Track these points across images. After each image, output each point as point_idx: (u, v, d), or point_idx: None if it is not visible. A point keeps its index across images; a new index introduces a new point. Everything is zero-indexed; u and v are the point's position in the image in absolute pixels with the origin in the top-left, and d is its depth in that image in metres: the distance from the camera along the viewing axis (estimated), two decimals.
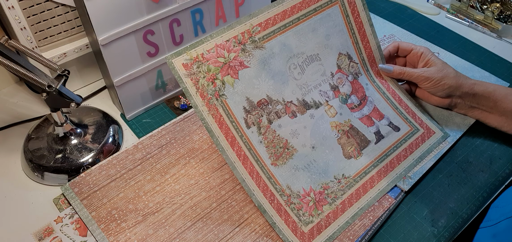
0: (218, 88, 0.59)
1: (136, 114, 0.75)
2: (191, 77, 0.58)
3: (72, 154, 0.66)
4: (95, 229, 0.57)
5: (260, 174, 0.59)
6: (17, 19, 0.66)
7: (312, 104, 0.65)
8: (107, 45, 0.65)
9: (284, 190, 0.59)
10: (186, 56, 0.59)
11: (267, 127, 0.61)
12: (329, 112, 0.66)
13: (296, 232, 0.56)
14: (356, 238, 0.57)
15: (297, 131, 0.63)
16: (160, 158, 0.66)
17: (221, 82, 0.60)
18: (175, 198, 0.61)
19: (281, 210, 0.57)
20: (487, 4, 0.97)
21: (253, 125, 0.60)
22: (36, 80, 0.58)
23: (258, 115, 0.61)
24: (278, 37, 0.65)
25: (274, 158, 0.60)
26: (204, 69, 0.59)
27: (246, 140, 0.59)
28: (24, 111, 0.77)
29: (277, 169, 0.60)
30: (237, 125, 0.59)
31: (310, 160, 0.62)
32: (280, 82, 0.64)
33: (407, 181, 0.63)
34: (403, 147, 0.66)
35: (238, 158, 0.58)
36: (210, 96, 0.59)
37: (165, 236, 0.57)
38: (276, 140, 0.61)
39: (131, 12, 0.65)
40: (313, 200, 0.59)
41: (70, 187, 0.62)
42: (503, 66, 0.83)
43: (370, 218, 0.59)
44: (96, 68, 0.79)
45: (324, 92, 0.67)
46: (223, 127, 0.58)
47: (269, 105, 0.62)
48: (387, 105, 0.71)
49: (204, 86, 0.59)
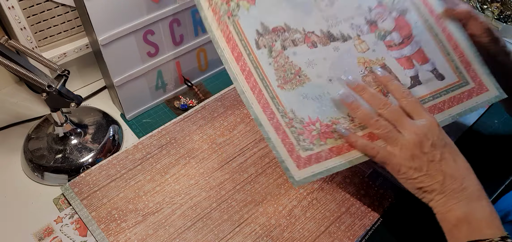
0: (231, 9, 0.56)
1: (136, 114, 0.75)
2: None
3: (72, 154, 0.66)
4: (95, 229, 0.57)
5: (263, 92, 0.53)
6: (17, 19, 0.66)
7: (339, 37, 0.57)
8: (107, 45, 0.65)
9: (287, 112, 0.53)
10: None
11: (280, 52, 0.55)
12: (359, 47, 0.57)
13: (291, 154, 0.51)
14: (356, 238, 0.57)
15: (315, 61, 0.55)
16: (160, 158, 0.66)
17: (235, 4, 0.56)
18: (175, 198, 0.61)
19: (279, 129, 0.52)
20: (487, 4, 0.97)
21: (264, 47, 0.55)
22: (36, 80, 0.58)
23: (271, 40, 0.55)
24: None
25: (282, 81, 0.54)
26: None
27: (253, 58, 0.54)
28: (24, 111, 0.77)
29: (283, 92, 0.53)
30: (246, 43, 0.55)
31: (323, 92, 0.54)
32: (303, 12, 0.57)
33: None
34: (442, 99, 0.56)
35: (241, 72, 0.54)
36: (221, 14, 0.55)
37: (165, 236, 0.57)
38: (287, 65, 0.55)
39: (131, 12, 0.65)
40: (317, 130, 0.52)
41: (70, 187, 0.62)
42: None
43: (370, 218, 0.59)
44: (96, 68, 0.79)
45: (356, 26, 0.57)
46: (231, 43, 0.55)
47: (285, 32, 0.56)
48: (436, 49, 0.58)
49: (218, 4, 0.55)
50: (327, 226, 0.58)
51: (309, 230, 0.58)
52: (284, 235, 0.57)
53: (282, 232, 0.57)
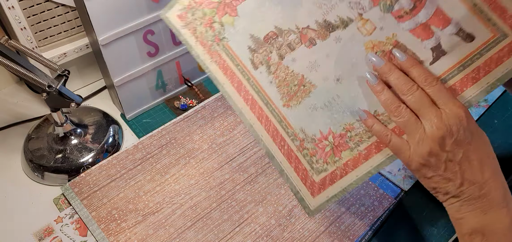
0: (217, 32, 0.54)
1: (136, 114, 0.75)
2: (188, 28, 0.54)
3: (72, 154, 0.66)
4: (95, 229, 0.57)
5: (270, 118, 0.52)
6: (17, 19, 0.66)
7: (338, 24, 0.49)
8: (107, 45, 0.65)
9: (297, 134, 0.51)
10: (178, 6, 0.55)
11: (278, 64, 0.51)
12: (364, 30, 0.48)
13: (305, 181, 0.50)
14: (356, 238, 0.57)
15: (317, 61, 0.50)
16: (160, 158, 0.66)
17: (219, 25, 0.54)
18: (175, 198, 0.61)
19: (291, 157, 0.50)
20: None
21: (261, 64, 0.52)
22: (36, 80, 0.58)
23: (266, 53, 0.52)
24: None
25: (286, 98, 0.51)
26: (200, 14, 0.54)
27: (254, 82, 0.52)
28: (24, 111, 0.77)
29: (290, 111, 0.51)
30: (243, 67, 0.53)
31: (332, 96, 0.49)
32: (291, 6, 0.51)
33: (407, 180, 0.63)
34: (474, 66, 0.44)
35: (245, 103, 0.52)
36: (210, 43, 0.54)
37: (165, 236, 0.57)
38: (289, 77, 0.51)
39: (131, 12, 0.65)
40: (330, 144, 0.49)
41: (70, 187, 0.62)
42: None
43: (370, 218, 0.59)
44: (96, 68, 0.79)
45: (355, 3, 0.48)
46: (228, 73, 0.53)
47: (278, 38, 0.52)
48: (458, 3, 0.44)
49: (203, 33, 0.54)
50: (327, 226, 0.58)
51: (309, 230, 0.58)
52: (284, 235, 0.57)
53: (282, 232, 0.57)
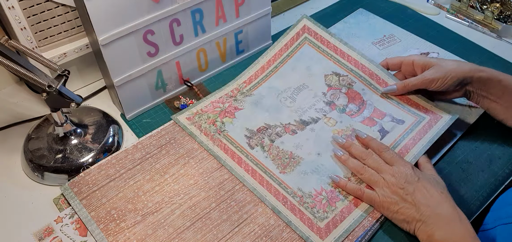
0: (219, 127, 0.70)
1: (136, 114, 0.75)
2: (194, 124, 0.70)
3: (72, 154, 0.66)
4: (95, 229, 0.57)
5: (270, 182, 0.62)
6: (17, 19, 0.66)
7: (310, 121, 0.70)
8: (107, 45, 0.65)
9: (296, 192, 0.61)
10: (187, 113, 0.72)
11: (270, 145, 0.67)
12: (329, 123, 0.70)
13: (312, 228, 0.57)
14: (355, 238, 0.56)
15: (300, 143, 0.67)
16: (160, 157, 0.66)
17: (221, 123, 0.70)
18: (174, 198, 0.61)
19: (295, 210, 0.59)
20: (487, 4, 0.96)
21: (256, 145, 0.67)
22: (36, 80, 0.58)
23: (259, 139, 0.68)
24: (263, 84, 0.76)
25: (281, 167, 0.64)
26: (205, 117, 0.71)
27: (252, 158, 0.65)
28: (24, 111, 0.77)
29: (286, 176, 0.63)
30: (241, 148, 0.67)
31: (318, 165, 0.64)
32: (275, 112, 0.72)
33: None
34: (410, 136, 0.66)
35: (246, 172, 0.63)
36: (213, 134, 0.69)
37: (164, 236, 0.57)
38: (281, 153, 0.66)
39: (131, 12, 0.65)
40: (325, 198, 0.60)
41: (69, 187, 0.62)
42: (503, 66, 0.83)
43: (369, 218, 0.58)
44: (96, 68, 0.79)
45: (320, 109, 0.72)
46: (229, 152, 0.66)
47: (268, 129, 0.69)
48: (387, 104, 0.71)
49: (207, 128, 0.70)
50: None
51: None
52: (283, 235, 0.57)
53: (281, 232, 0.57)
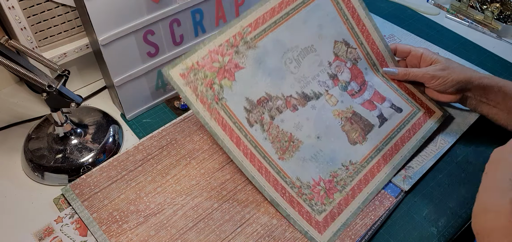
0: (216, 93, 0.61)
1: (136, 114, 0.75)
2: (189, 86, 0.60)
3: (72, 154, 0.66)
4: (97, 231, 0.57)
5: (269, 170, 0.60)
6: (17, 19, 0.66)
7: (312, 96, 0.66)
8: (107, 45, 0.65)
9: (294, 182, 0.60)
10: (181, 66, 0.60)
11: (270, 123, 0.62)
12: (330, 102, 0.67)
13: (310, 222, 0.57)
14: (357, 237, 0.57)
15: (301, 123, 0.64)
16: (161, 158, 0.66)
17: (219, 86, 0.61)
18: (176, 199, 0.61)
19: (293, 202, 0.58)
20: (487, 4, 0.97)
21: (255, 123, 0.62)
22: (36, 80, 0.58)
23: (259, 113, 0.62)
24: (269, 35, 0.65)
25: (280, 152, 0.61)
26: (201, 76, 0.61)
27: (251, 138, 0.61)
28: (24, 111, 0.77)
29: (285, 163, 0.61)
30: (240, 125, 0.61)
31: (317, 150, 0.63)
32: (278, 78, 0.65)
33: (407, 180, 0.63)
34: (406, 129, 0.67)
35: (245, 157, 0.60)
36: (210, 101, 0.60)
37: (166, 237, 0.57)
38: (280, 135, 0.62)
39: (131, 12, 0.65)
40: (323, 188, 0.60)
41: (70, 189, 0.62)
42: (503, 66, 0.84)
43: (371, 217, 0.59)
44: (96, 68, 0.78)
45: (323, 82, 0.68)
46: (227, 129, 0.60)
47: (269, 102, 0.63)
48: (387, 88, 0.71)
49: (203, 92, 0.60)
50: None
51: None
52: (286, 235, 0.57)
53: (284, 232, 0.57)
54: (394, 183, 0.63)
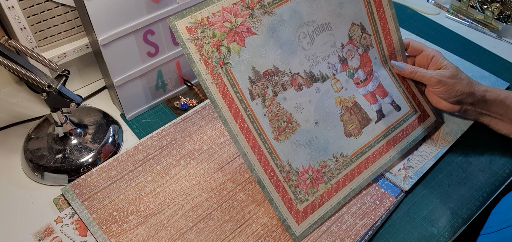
0: (223, 56, 0.56)
1: (136, 114, 0.75)
2: (194, 43, 0.55)
3: (72, 154, 0.66)
4: (97, 231, 0.57)
5: (262, 149, 0.58)
6: (17, 19, 0.66)
7: (319, 77, 0.64)
8: (107, 45, 0.65)
9: (284, 166, 0.59)
10: (190, 19, 0.55)
11: (272, 99, 0.59)
12: (335, 87, 0.65)
13: (291, 210, 0.57)
14: (357, 237, 0.57)
15: (302, 104, 0.61)
16: (161, 159, 0.66)
17: (226, 50, 0.57)
18: (176, 199, 0.61)
19: (279, 187, 0.57)
20: (487, 4, 0.97)
21: (258, 96, 0.58)
22: (36, 80, 0.58)
23: (263, 87, 0.59)
24: (288, 3, 0.61)
25: (277, 132, 0.59)
26: (209, 34, 0.56)
27: (250, 112, 0.57)
28: (24, 111, 0.77)
29: (279, 144, 0.59)
30: (241, 95, 0.57)
31: (312, 136, 0.62)
32: (288, 52, 0.61)
33: (407, 180, 0.63)
34: (400, 129, 0.67)
35: (241, 131, 0.56)
36: (214, 64, 0.56)
37: (166, 237, 0.57)
38: (280, 114, 0.60)
39: (131, 12, 0.65)
40: (310, 178, 0.60)
41: (70, 189, 0.62)
42: (503, 66, 0.84)
43: (371, 217, 0.59)
44: (96, 68, 0.78)
45: (332, 65, 0.65)
46: (227, 97, 0.56)
47: (275, 76, 0.60)
48: (391, 83, 0.70)
49: (209, 53, 0.56)
50: (329, 226, 0.58)
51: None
52: (286, 236, 0.57)
53: (284, 232, 0.57)
54: (394, 183, 0.63)
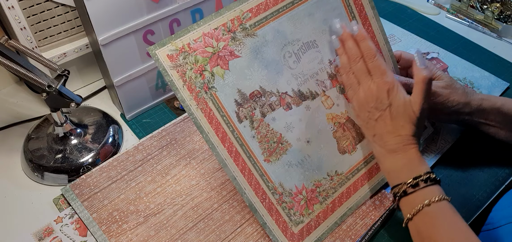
0: (207, 81, 0.55)
1: (136, 114, 0.75)
2: (177, 69, 0.54)
3: (72, 154, 0.66)
4: (96, 231, 0.57)
5: (252, 171, 0.56)
6: (17, 19, 0.66)
7: (308, 95, 0.62)
8: (107, 45, 0.65)
9: (276, 187, 0.57)
10: (171, 46, 0.54)
11: (261, 121, 0.58)
12: (326, 104, 0.63)
13: (286, 233, 0.56)
14: (357, 237, 0.57)
15: (292, 124, 0.60)
16: (161, 159, 0.66)
17: (210, 74, 0.56)
18: (176, 199, 0.61)
19: (272, 210, 0.56)
20: (487, 4, 0.97)
21: (245, 118, 0.57)
22: (36, 80, 0.58)
23: (250, 108, 0.57)
24: (271, 23, 0.60)
25: (267, 153, 0.57)
26: (191, 60, 0.55)
27: (238, 135, 0.56)
28: (24, 111, 0.77)
29: (270, 165, 0.57)
30: (228, 119, 0.56)
31: (304, 155, 0.60)
32: (274, 72, 0.60)
33: None
34: None
35: (229, 155, 0.55)
36: (198, 90, 0.55)
37: (166, 237, 0.57)
38: (269, 135, 0.58)
39: (131, 12, 0.65)
40: (304, 198, 0.58)
41: (70, 189, 0.62)
42: (503, 66, 0.84)
43: (371, 217, 0.59)
44: (96, 68, 0.78)
45: (321, 82, 0.64)
46: (213, 122, 0.55)
47: (262, 97, 0.58)
48: None
49: (192, 78, 0.55)
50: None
51: None
52: None
53: None
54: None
